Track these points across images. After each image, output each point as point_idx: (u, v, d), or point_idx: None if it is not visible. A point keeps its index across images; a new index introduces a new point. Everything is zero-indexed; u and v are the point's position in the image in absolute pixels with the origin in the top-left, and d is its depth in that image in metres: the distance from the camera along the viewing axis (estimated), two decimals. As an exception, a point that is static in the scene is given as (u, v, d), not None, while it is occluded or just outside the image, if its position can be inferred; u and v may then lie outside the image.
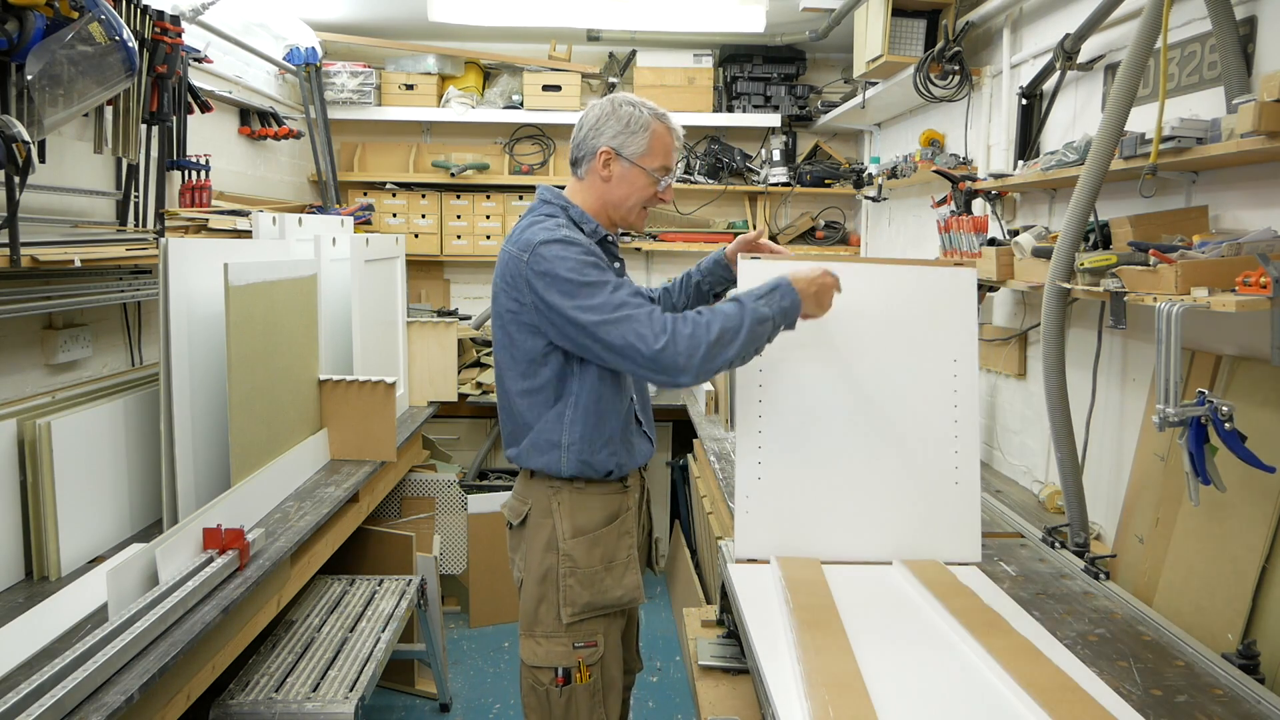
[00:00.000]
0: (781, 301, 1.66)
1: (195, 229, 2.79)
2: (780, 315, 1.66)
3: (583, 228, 1.77)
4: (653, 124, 1.77)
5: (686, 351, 1.58)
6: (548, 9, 3.84)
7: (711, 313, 1.63)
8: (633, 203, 1.80)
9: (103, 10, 1.97)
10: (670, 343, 1.58)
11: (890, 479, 1.90)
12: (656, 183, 1.79)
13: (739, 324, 1.62)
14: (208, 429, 2.21)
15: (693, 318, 1.61)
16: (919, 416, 1.90)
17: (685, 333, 1.59)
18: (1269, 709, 1.38)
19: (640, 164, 1.77)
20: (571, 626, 1.73)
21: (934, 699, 1.33)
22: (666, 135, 1.79)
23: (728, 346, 1.61)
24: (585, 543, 1.76)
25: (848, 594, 1.68)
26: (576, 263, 1.64)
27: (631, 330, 1.60)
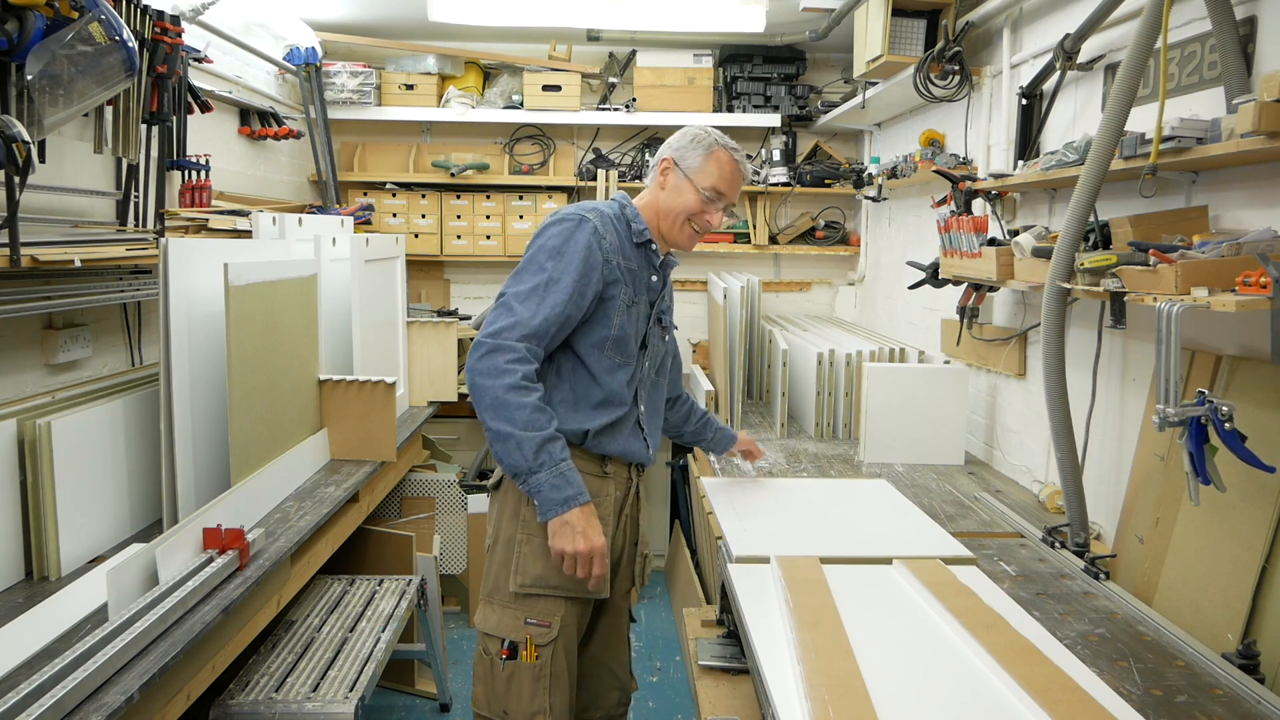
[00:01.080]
0: (550, 490, 1.63)
1: (195, 229, 2.79)
2: (535, 485, 1.63)
3: (631, 224, 1.83)
4: (715, 148, 1.82)
5: (470, 367, 1.65)
6: (548, 9, 3.84)
7: (535, 399, 1.63)
8: (677, 212, 1.83)
9: (103, 10, 1.97)
10: (482, 362, 1.64)
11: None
12: (705, 202, 1.82)
13: (524, 426, 1.61)
14: (208, 429, 2.21)
15: (527, 374, 1.63)
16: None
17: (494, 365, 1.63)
18: (1269, 709, 1.38)
19: (693, 179, 1.81)
20: (526, 599, 1.71)
21: (934, 699, 1.33)
22: (728, 163, 1.83)
23: (492, 414, 1.62)
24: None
25: (848, 593, 1.68)
26: (560, 242, 1.70)
27: (496, 318, 1.68)
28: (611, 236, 1.76)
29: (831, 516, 2.19)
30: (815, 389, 3.23)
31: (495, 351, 1.63)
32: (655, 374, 1.97)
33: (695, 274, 4.92)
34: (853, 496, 2.35)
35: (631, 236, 1.84)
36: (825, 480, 2.65)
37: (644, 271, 1.85)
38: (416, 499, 3.42)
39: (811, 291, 4.97)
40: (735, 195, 1.86)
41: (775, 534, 2.00)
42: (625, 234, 1.82)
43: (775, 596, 1.68)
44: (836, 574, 1.77)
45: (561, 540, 1.63)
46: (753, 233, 4.72)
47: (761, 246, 4.71)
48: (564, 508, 1.63)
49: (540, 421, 1.62)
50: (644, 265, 1.85)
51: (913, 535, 2.05)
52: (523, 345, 1.64)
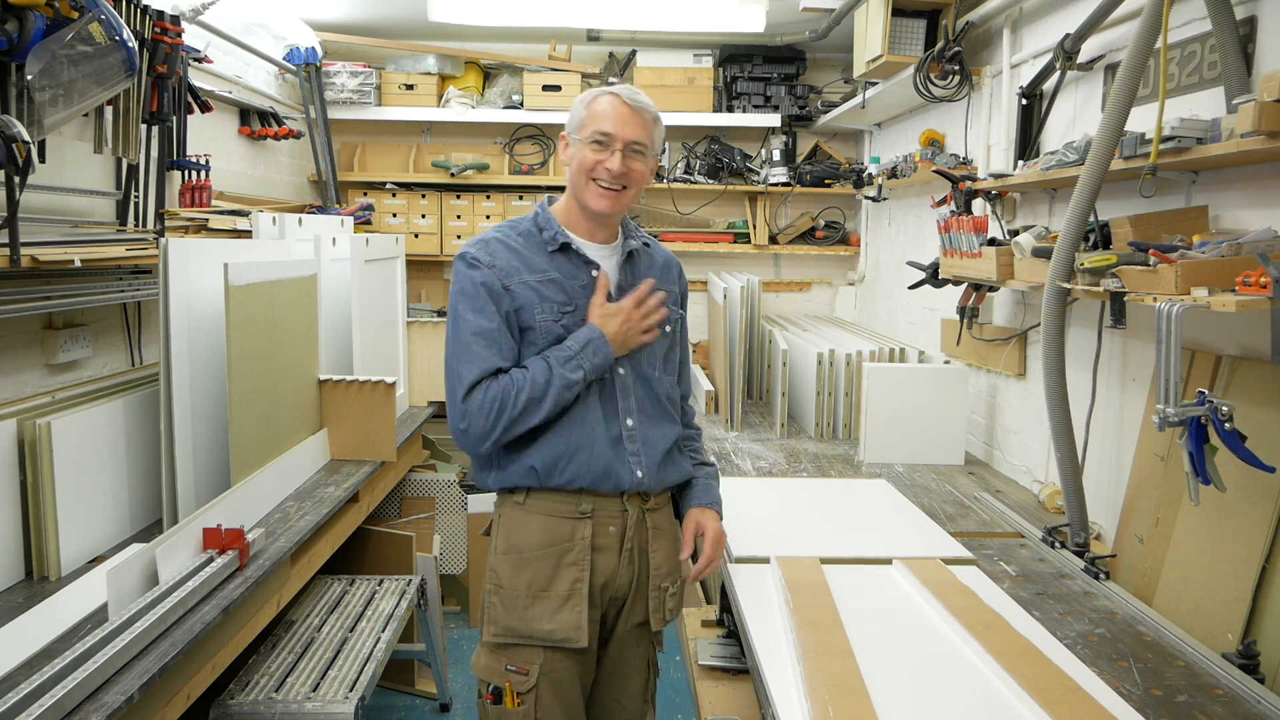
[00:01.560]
0: (594, 358, 1.62)
1: (195, 229, 2.79)
2: (593, 371, 1.62)
3: (543, 231, 1.70)
4: (593, 97, 1.68)
5: (480, 430, 1.59)
6: (548, 9, 3.84)
7: (522, 379, 1.59)
8: (580, 178, 1.67)
9: (103, 10, 1.97)
10: (467, 419, 1.59)
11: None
12: (595, 149, 1.64)
13: (544, 392, 1.59)
14: (208, 429, 2.21)
15: (497, 386, 1.58)
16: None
17: (480, 406, 1.58)
18: (1269, 709, 1.38)
19: (577, 136, 1.67)
20: (504, 647, 1.66)
21: (934, 699, 1.33)
22: (606, 102, 1.66)
23: (532, 414, 1.59)
24: (512, 562, 1.66)
25: (848, 593, 1.68)
26: (458, 284, 1.65)
27: (449, 388, 1.62)
28: (505, 259, 1.64)
29: (831, 516, 2.19)
30: (815, 389, 3.23)
31: (465, 419, 1.59)
32: (650, 374, 1.74)
33: (695, 274, 4.91)
34: (853, 496, 2.35)
35: (545, 245, 1.69)
36: (825, 480, 2.65)
37: (575, 276, 1.68)
38: (416, 499, 3.42)
39: (811, 291, 4.97)
40: (632, 132, 1.65)
41: (775, 534, 2.00)
42: (537, 245, 1.69)
43: (775, 596, 1.68)
44: (836, 574, 1.77)
45: (627, 340, 1.65)
46: (753, 233, 4.72)
47: (761, 246, 4.71)
48: (607, 353, 1.62)
49: (526, 391, 1.58)
50: (572, 269, 1.69)
51: (913, 535, 2.05)
52: (477, 386, 1.60)
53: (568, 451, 1.64)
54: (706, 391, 3.75)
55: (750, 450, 3.07)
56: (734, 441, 3.21)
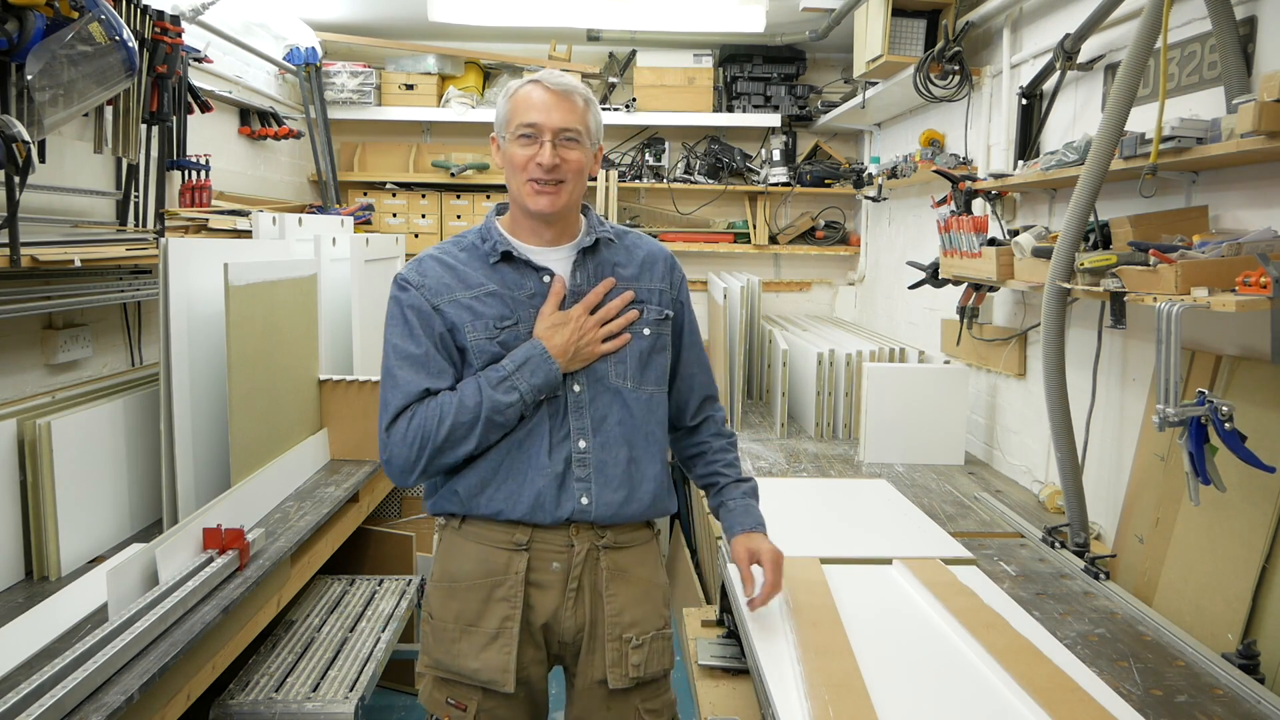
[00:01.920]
0: (533, 377, 1.46)
1: (195, 229, 2.80)
2: (532, 392, 1.46)
3: (485, 241, 1.55)
4: (515, 89, 1.52)
5: (402, 461, 1.48)
6: (548, 9, 3.84)
7: (448, 403, 1.46)
8: (515, 179, 1.51)
9: (103, 10, 1.97)
10: (389, 450, 1.49)
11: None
12: (523, 144, 1.47)
13: (472, 417, 1.45)
14: (208, 429, 2.21)
15: (422, 413, 1.46)
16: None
17: (403, 436, 1.47)
18: (1269, 709, 1.38)
19: (505, 133, 1.51)
20: (442, 681, 1.55)
21: (934, 699, 1.33)
22: (526, 92, 1.49)
23: (460, 443, 1.46)
24: (441, 592, 1.54)
25: (848, 593, 1.68)
26: (390, 309, 1.54)
27: (380, 406, 1.52)
28: (437, 277, 1.51)
29: (831, 516, 2.19)
30: (815, 389, 3.23)
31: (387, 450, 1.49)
32: (621, 386, 1.55)
33: (695, 274, 4.91)
34: (853, 496, 2.35)
35: (487, 257, 1.53)
36: (825, 480, 2.65)
37: (520, 286, 1.52)
38: (416, 499, 3.42)
39: (811, 291, 4.97)
40: (560, 119, 1.47)
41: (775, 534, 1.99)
42: (480, 258, 1.54)
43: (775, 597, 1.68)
44: (836, 574, 1.77)
45: (581, 353, 1.49)
46: (753, 233, 4.72)
47: (761, 246, 4.71)
48: (552, 370, 1.47)
49: (466, 403, 1.46)
50: (517, 279, 1.53)
51: (913, 535, 2.05)
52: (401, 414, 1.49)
53: (495, 479, 1.50)
54: (706, 391, 3.75)
55: (750, 450, 3.07)
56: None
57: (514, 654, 1.48)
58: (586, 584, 1.52)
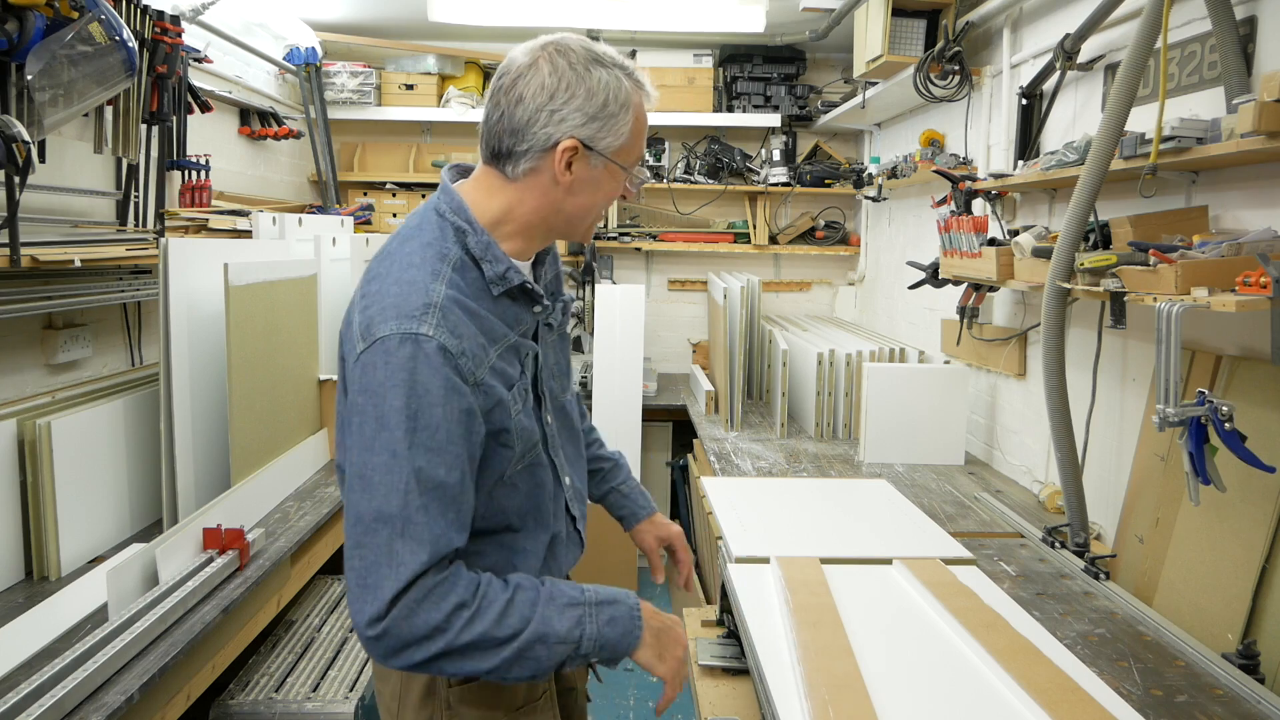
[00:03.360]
0: (607, 627, 1.12)
1: (195, 229, 2.80)
2: (595, 644, 1.12)
3: (482, 266, 1.15)
4: (634, 98, 1.17)
5: (400, 641, 1.03)
6: (548, 9, 3.84)
7: (490, 593, 1.08)
8: (597, 212, 1.23)
9: (103, 10, 1.97)
10: (387, 624, 1.03)
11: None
12: (630, 179, 1.22)
13: (514, 634, 1.07)
14: (208, 429, 2.21)
15: (464, 584, 1.07)
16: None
17: (416, 613, 1.03)
18: (1269, 709, 1.38)
19: (617, 160, 1.17)
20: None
21: (934, 699, 1.33)
22: (645, 111, 1.21)
23: (477, 658, 1.06)
24: (474, 691, 1.24)
25: (848, 593, 1.68)
26: (410, 412, 1.04)
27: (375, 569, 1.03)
28: (470, 335, 1.10)
29: (831, 516, 2.19)
30: (815, 389, 3.23)
31: (384, 622, 1.03)
32: (565, 400, 1.38)
33: (695, 274, 4.92)
34: (853, 496, 2.35)
35: (487, 287, 1.16)
36: (825, 480, 2.65)
37: (522, 321, 1.21)
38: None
39: (811, 291, 4.97)
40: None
41: (775, 534, 2.00)
42: (478, 287, 1.15)
43: (775, 596, 1.68)
44: (836, 574, 1.77)
45: (661, 647, 1.20)
46: (753, 233, 4.72)
47: (761, 246, 4.71)
48: (633, 636, 1.16)
49: (515, 611, 1.09)
50: (521, 314, 1.21)
51: (913, 535, 2.05)
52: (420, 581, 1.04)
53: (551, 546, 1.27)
54: (706, 392, 3.75)
55: (750, 450, 3.07)
56: (734, 441, 3.21)
57: (556, 710, 1.34)
58: None
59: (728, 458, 2.97)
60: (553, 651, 1.09)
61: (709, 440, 3.25)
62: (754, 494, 2.33)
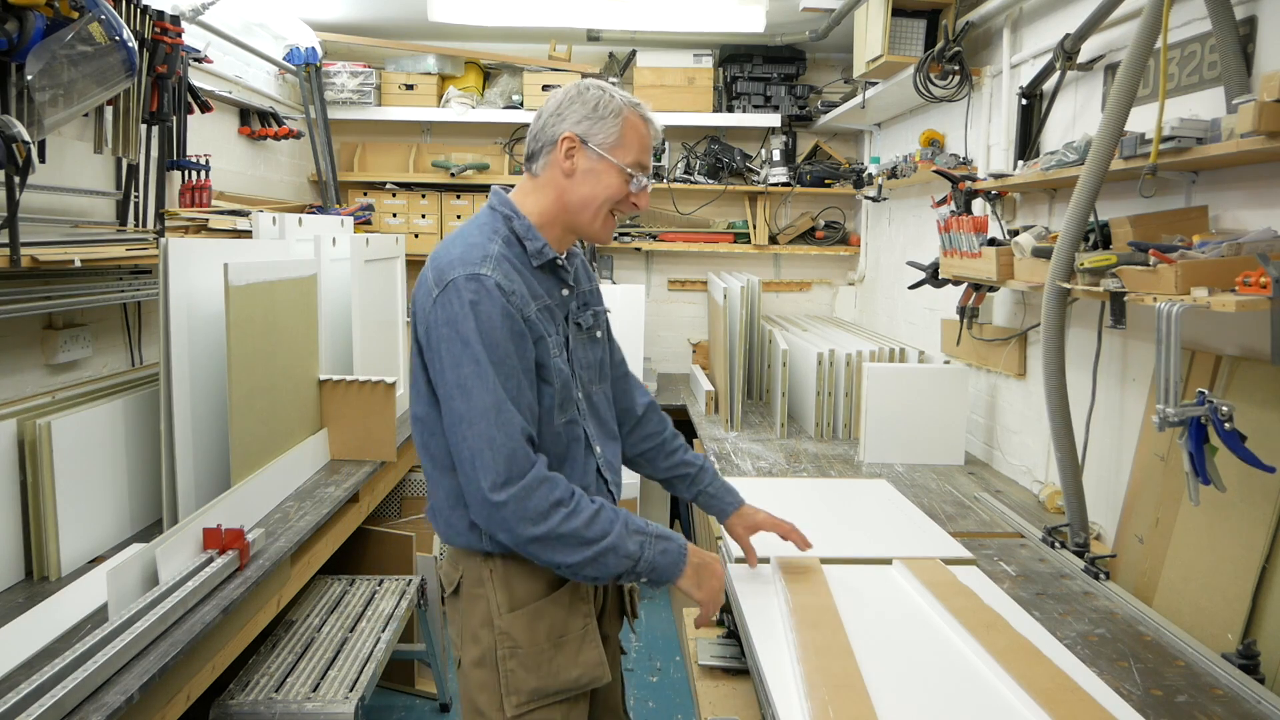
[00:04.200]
0: (660, 555, 1.43)
1: (195, 229, 2.80)
2: (648, 565, 1.42)
3: (525, 244, 1.48)
4: (625, 111, 1.47)
5: (508, 525, 1.36)
6: (548, 9, 3.84)
7: (582, 501, 1.39)
8: (599, 204, 1.48)
9: (103, 10, 1.97)
10: (502, 506, 1.35)
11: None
12: (629, 181, 1.47)
13: (600, 536, 1.38)
14: (208, 429, 2.21)
15: (563, 488, 1.38)
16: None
17: (521, 507, 1.35)
18: (1269, 709, 1.38)
19: (611, 156, 1.46)
20: (521, 718, 1.46)
21: (934, 699, 1.33)
22: (642, 126, 1.49)
23: (565, 549, 1.37)
24: (525, 616, 1.47)
25: (848, 593, 1.68)
26: (484, 330, 1.36)
27: (482, 451, 1.36)
28: (516, 284, 1.41)
29: (831, 516, 2.19)
30: (815, 389, 3.23)
31: (522, 505, 1.35)
32: (594, 391, 1.62)
33: (695, 274, 4.92)
34: (853, 496, 2.35)
35: (530, 260, 1.48)
36: (825, 480, 2.65)
37: (554, 295, 1.51)
38: (416, 499, 3.42)
39: (811, 291, 4.97)
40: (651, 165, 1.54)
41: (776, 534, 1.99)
42: (523, 260, 1.47)
43: (776, 596, 1.68)
44: (836, 574, 1.77)
45: (700, 578, 1.48)
46: (753, 233, 4.72)
47: (761, 246, 4.71)
48: (678, 568, 1.45)
49: (607, 517, 1.40)
50: (553, 287, 1.51)
51: (913, 535, 2.05)
52: (519, 469, 1.36)
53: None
54: (706, 391, 3.75)
55: (750, 450, 3.07)
56: (734, 441, 3.21)
57: (600, 644, 1.53)
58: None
59: (728, 458, 2.97)
60: (619, 563, 1.39)
61: (709, 440, 3.25)
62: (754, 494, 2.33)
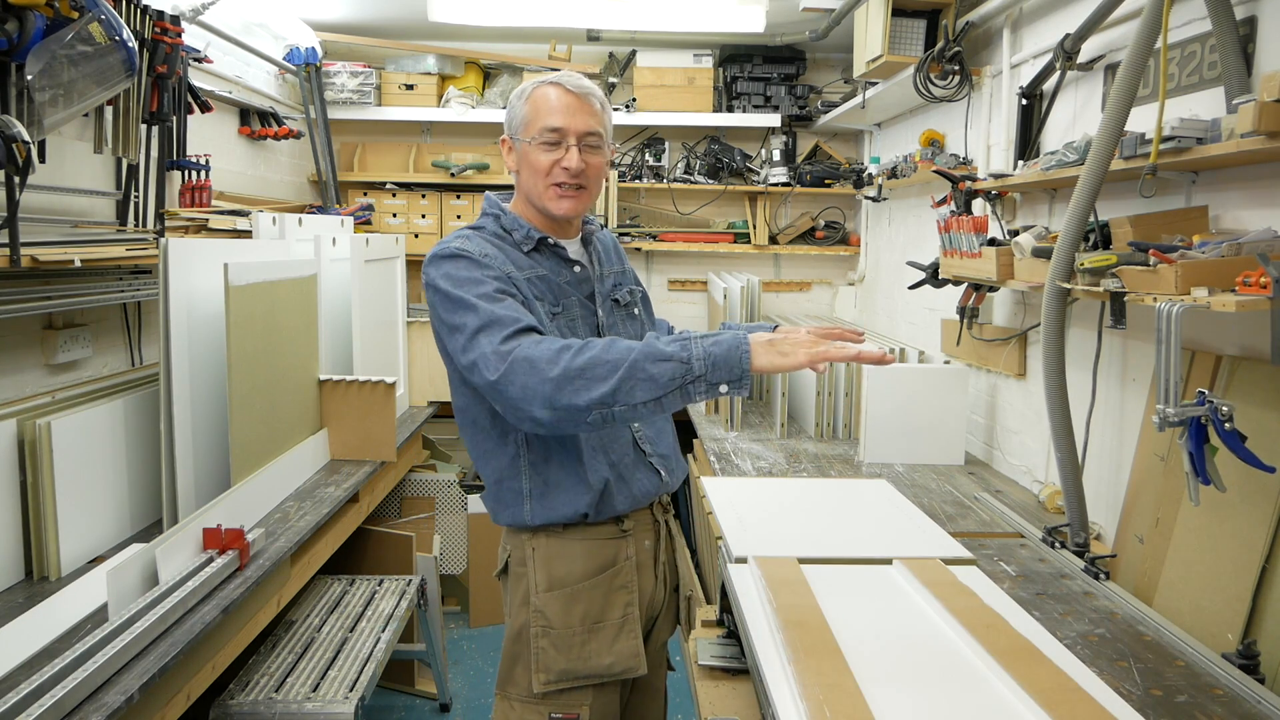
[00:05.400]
0: (713, 346, 1.27)
1: (195, 229, 2.80)
2: (705, 362, 1.26)
3: (513, 233, 1.57)
4: (531, 89, 1.52)
5: (522, 383, 1.29)
6: (548, 9, 3.84)
7: (596, 343, 1.33)
8: (536, 184, 1.53)
9: (103, 10, 1.97)
10: (508, 370, 1.31)
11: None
12: (547, 149, 1.50)
13: (621, 359, 1.27)
14: (208, 429, 2.21)
15: (560, 342, 1.33)
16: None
17: (528, 356, 1.30)
18: (1269, 709, 1.38)
19: (522, 137, 1.52)
20: (543, 696, 1.50)
21: (934, 698, 1.33)
22: (549, 94, 1.50)
23: (595, 382, 1.26)
24: (561, 598, 1.51)
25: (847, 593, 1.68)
26: (455, 277, 1.43)
27: (483, 354, 1.36)
28: (494, 253, 1.49)
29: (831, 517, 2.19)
30: (815, 389, 3.23)
31: (511, 367, 1.31)
32: None
33: (695, 274, 4.92)
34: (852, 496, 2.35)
35: (521, 245, 1.57)
36: (825, 480, 2.65)
37: (558, 272, 1.58)
38: (416, 499, 3.43)
39: (812, 291, 4.97)
40: (584, 123, 1.49)
41: (775, 534, 1.99)
42: (511, 246, 1.56)
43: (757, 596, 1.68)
44: (837, 574, 1.77)
45: (779, 347, 1.27)
46: (753, 233, 4.72)
47: (761, 246, 4.71)
48: (740, 350, 1.26)
49: (618, 345, 1.30)
50: (555, 266, 1.58)
51: (913, 535, 2.05)
52: (513, 342, 1.35)
53: (613, 479, 1.52)
54: (706, 391, 3.75)
55: (750, 450, 3.07)
56: (734, 441, 3.21)
57: (640, 638, 1.54)
58: (664, 556, 1.67)
59: (727, 458, 2.97)
60: (663, 368, 1.25)
61: (709, 440, 3.25)
62: (754, 494, 2.33)
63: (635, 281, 1.73)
